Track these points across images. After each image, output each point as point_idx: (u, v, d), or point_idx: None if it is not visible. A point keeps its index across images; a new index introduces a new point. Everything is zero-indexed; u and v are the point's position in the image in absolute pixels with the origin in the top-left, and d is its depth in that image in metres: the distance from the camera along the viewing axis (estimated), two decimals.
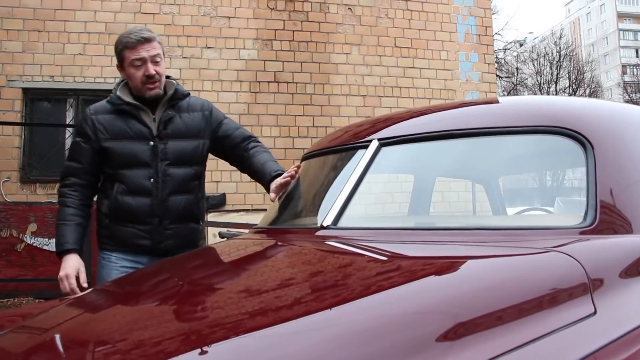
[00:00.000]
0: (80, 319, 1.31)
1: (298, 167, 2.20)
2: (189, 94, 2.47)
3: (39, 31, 6.83)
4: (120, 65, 2.39)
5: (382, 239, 1.58)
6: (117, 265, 2.37)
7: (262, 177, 2.40)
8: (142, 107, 2.36)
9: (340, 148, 2.01)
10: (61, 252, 2.30)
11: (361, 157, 1.74)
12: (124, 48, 2.33)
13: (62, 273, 2.24)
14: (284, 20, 7.56)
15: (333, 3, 7.75)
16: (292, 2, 7.62)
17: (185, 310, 1.19)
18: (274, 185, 2.23)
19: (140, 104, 2.35)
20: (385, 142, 1.77)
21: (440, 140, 1.72)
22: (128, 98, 2.36)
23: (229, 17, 7.37)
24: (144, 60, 2.29)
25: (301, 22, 7.62)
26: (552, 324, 1.00)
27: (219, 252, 1.91)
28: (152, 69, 2.29)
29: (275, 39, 7.50)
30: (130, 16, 7.04)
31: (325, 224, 1.64)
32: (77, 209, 2.37)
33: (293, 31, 7.58)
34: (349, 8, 7.80)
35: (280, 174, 2.27)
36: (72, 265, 2.26)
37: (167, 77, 2.43)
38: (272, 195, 2.21)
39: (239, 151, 2.52)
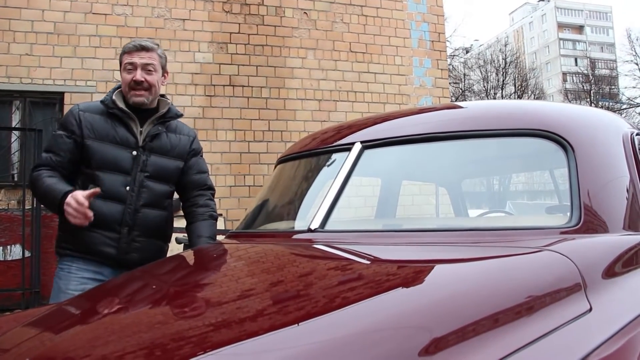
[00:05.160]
0: (46, 337, 1.24)
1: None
2: (181, 115, 2.51)
3: None
4: (120, 69, 2.42)
5: (372, 242, 1.58)
6: (77, 276, 2.26)
7: (191, 243, 2.41)
8: (132, 117, 2.36)
9: (320, 151, 1.99)
10: (61, 200, 2.14)
11: (345, 160, 1.73)
12: (123, 52, 2.39)
13: (66, 207, 2.10)
14: (239, 24, 7.50)
15: (289, 7, 7.75)
16: (248, 6, 7.56)
17: (162, 322, 1.14)
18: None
19: (131, 113, 2.36)
20: (368, 145, 1.76)
21: (426, 142, 1.73)
22: (121, 104, 2.37)
23: (184, 20, 7.24)
24: (134, 66, 2.34)
25: (257, 25, 7.58)
26: (555, 321, 1.02)
27: (216, 257, 1.83)
28: (139, 75, 2.33)
29: (230, 42, 7.42)
30: (81, 16, 6.81)
31: (312, 227, 1.62)
32: (60, 178, 2.26)
33: (248, 35, 7.52)
34: (305, 12, 7.81)
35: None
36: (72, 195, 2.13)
37: (162, 95, 2.47)
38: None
39: (189, 194, 2.52)
